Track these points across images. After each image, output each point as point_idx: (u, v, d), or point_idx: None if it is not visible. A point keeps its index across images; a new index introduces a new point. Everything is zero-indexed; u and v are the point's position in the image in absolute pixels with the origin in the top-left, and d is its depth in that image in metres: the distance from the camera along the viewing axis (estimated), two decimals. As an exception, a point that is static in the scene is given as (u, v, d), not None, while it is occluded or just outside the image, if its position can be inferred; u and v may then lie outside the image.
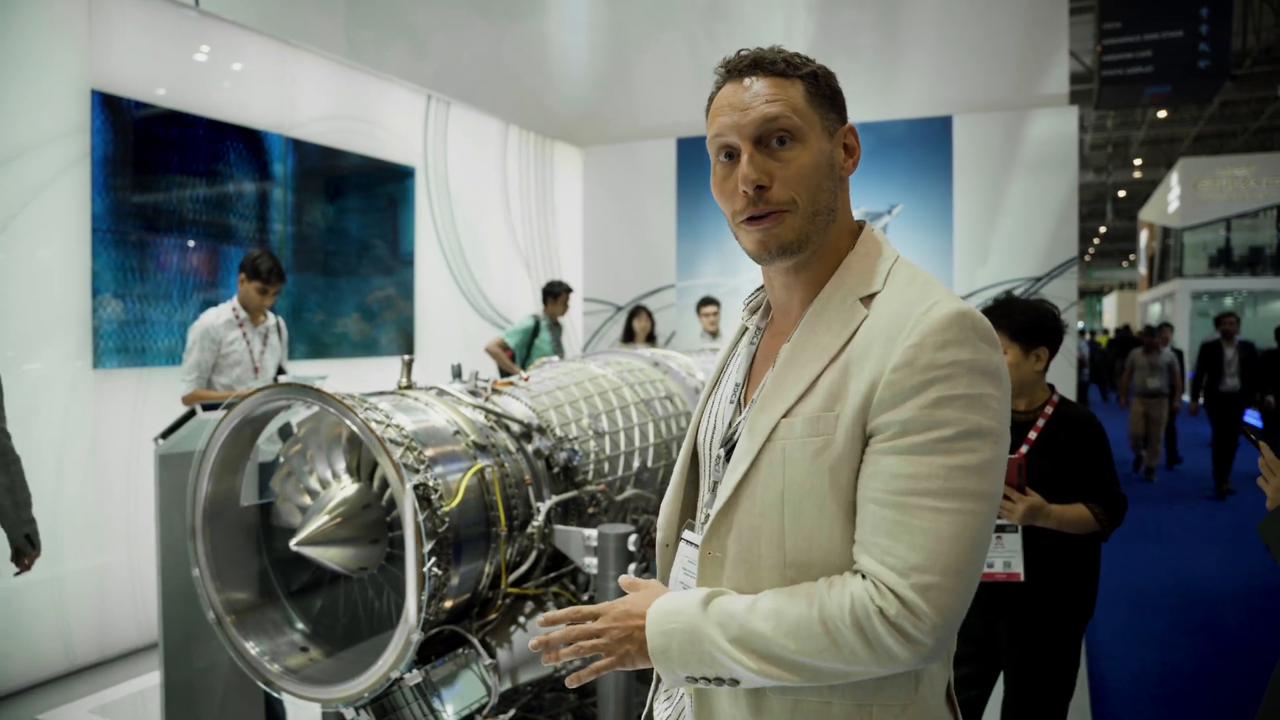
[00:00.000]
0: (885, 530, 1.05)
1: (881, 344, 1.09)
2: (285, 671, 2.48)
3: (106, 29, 4.51)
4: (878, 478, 1.07)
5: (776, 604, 1.09)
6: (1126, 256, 37.09)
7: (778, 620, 1.07)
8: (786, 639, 1.06)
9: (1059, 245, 6.81)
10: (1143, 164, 24.70)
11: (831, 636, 1.05)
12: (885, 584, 1.03)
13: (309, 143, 5.79)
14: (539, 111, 8.64)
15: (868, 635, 1.03)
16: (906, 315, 1.09)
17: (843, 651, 1.05)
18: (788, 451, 1.13)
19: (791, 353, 1.18)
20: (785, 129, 1.15)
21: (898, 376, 1.06)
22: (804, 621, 1.06)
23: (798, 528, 1.12)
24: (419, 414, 2.51)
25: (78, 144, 4.38)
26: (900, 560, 1.03)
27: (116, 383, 4.57)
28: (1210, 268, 21.15)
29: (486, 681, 2.40)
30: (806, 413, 1.12)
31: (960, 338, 1.06)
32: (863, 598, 1.04)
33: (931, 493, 1.04)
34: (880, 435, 1.07)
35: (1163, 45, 8.46)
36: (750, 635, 1.08)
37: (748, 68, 1.18)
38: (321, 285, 5.98)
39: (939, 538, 1.03)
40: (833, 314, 1.17)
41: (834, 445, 1.10)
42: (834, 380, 1.12)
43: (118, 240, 4.57)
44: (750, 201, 1.15)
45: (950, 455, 1.04)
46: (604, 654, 1.17)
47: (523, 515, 2.58)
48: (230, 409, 2.50)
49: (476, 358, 6.57)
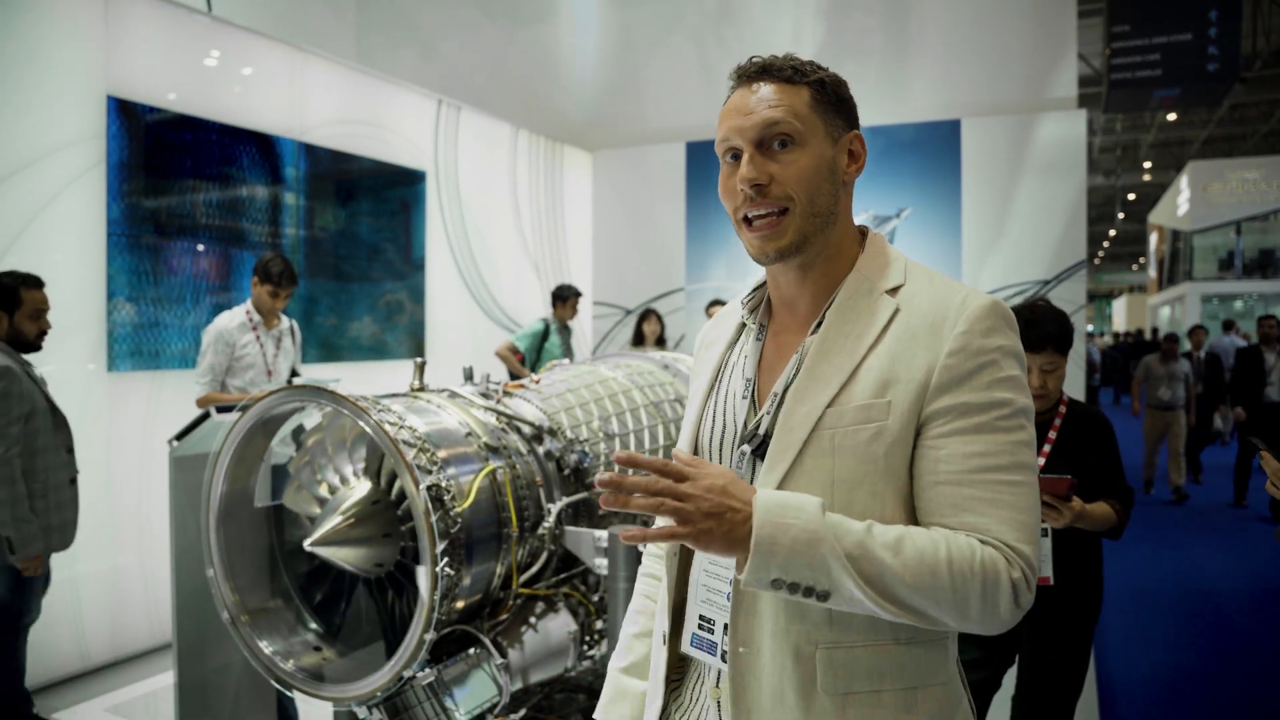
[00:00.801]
0: (970, 508, 1.10)
1: (927, 331, 1.14)
2: (299, 670, 2.51)
3: (122, 35, 4.55)
4: (949, 460, 1.11)
5: (897, 534, 1.07)
6: (1136, 260, 36.96)
7: (898, 550, 1.06)
8: (905, 570, 1.05)
9: (1067, 248, 6.80)
10: (1152, 167, 24.61)
11: (954, 581, 1.05)
12: (1011, 547, 1.08)
13: (320, 147, 5.84)
14: (549, 116, 8.68)
15: (989, 590, 1.05)
16: (946, 305, 1.16)
17: (956, 598, 1.05)
18: (837, 440, 1.14)
19: (822, 344, 1.20)
20: (785, 133, 1.19)
21: (954, 361, 1.12)
22: (928, 560, 1.05)
23: (848, 516, 1.12)
24: (431, 416, 2.54)
25: (93, 149, 4.42)
26: (997, 535, 1.08)
27: (131, 385, 4.61)
28: (1220, 271, 21.07)
29: (498, 681, 2.42)
30: (855, 400, 1.14)
31: (999, 325, 1.15)
32: (994, 555, 1.07)
33: (1004, 468, 1.10)
34: (940, 419, 1.12)
35: (1172, 48, 8.45)
36: (868, 556, 1.05)
37: (756, 74, 1.23)
38: (333, 289, 6.02)
39: (1020, 509, 1.10)
40: (860, 306, 1.20)
41: (888, 430, 1.13)
42: (881, 367, 1.15)
43: (132, 244, 4.61)
44: (748, 199, 1.19)
45: (1010, 433, 1.12)
46: (681, 521, 1.05)
47: (534, 516, 2.60)
48: (244, 411, 2.53)
49: (487, 361, 6.60)
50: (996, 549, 1.07)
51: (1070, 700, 2.55)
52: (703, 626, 1.26)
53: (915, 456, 1.14)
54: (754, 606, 1.18)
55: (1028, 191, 6.94)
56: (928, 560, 1.05)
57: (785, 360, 1.26)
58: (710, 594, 1.26)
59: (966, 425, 1.11)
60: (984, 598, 1.06)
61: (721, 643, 1.23)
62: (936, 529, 1.10)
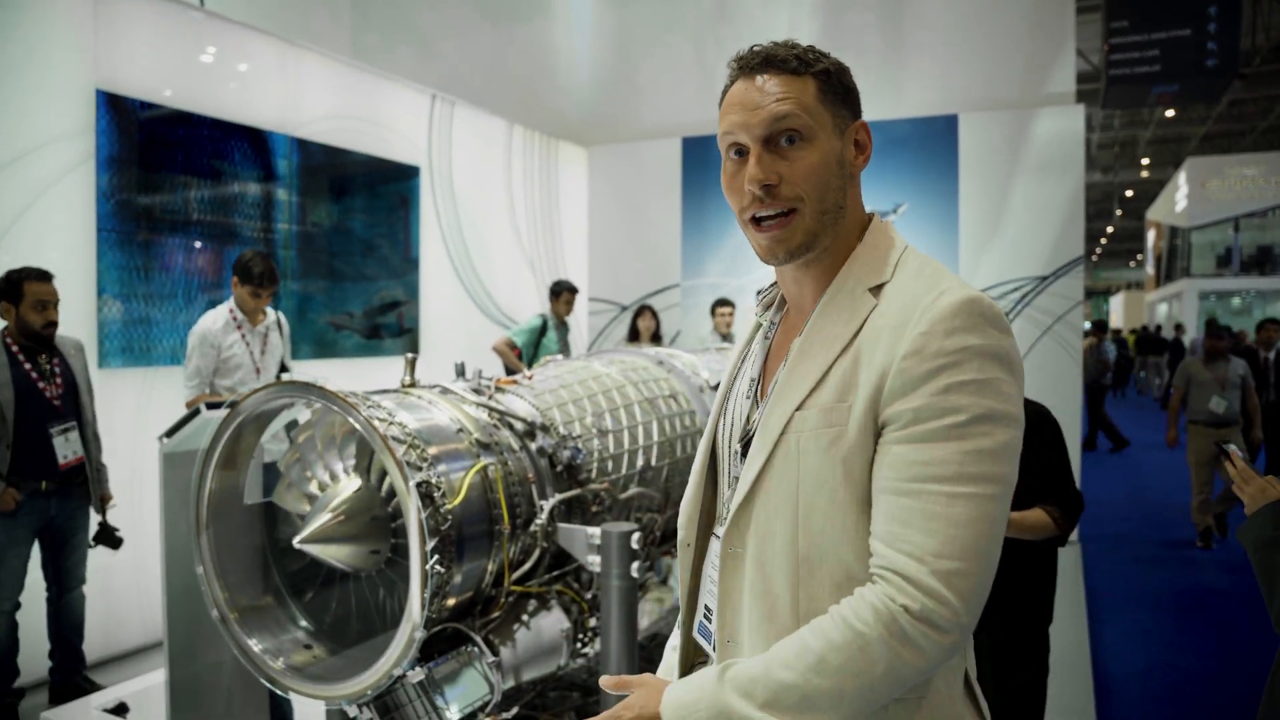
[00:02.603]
0: (901, 519, 1.04)
1: (891, 333, 1.09)
2: (289, 669, 2.49)
3: (112, 29, 4.52)
4: (892, 467, 1.06)
5: (794, 646, 1.05)
6: (1134, 256, 36.99)
7: (802, 662, 1.03)
8: (819, 677, 1.02)
9: (1065, 244, 6.77)
10: (1150, 163, 24.61)
11: (864, 653, 1.01)
12: (906, 574, 1.01)
13: (314, 142, 5.80)
14: (544, 111, 8.64)
15: (899, 637, 1.00)
16: (915, 304, 1.09)
17: (878, 666, 1.01)
18: (801, 444, 1.12)
19: (803, 346, 1.18)
20: (794, 129, 1.15)
21: (907, 365, 1.06)
22: (831, 649, 1.03)
23: (810, 521, 1.11)
24: (422, 412, 2.51)
25: (83, 144, 4.39)
26: (917, 547, 1.02)
27: (121, 382, 4.57)
28: (1218, 267, 21.07)
29: (489, 679, 2.39)
30: (819, 404, 1.12)
31: (969, 324, 1.06)
32: (884, 601, 1.02)
33: (946, 478, 1.03)
34: (892, 425, 1.07)
35: (1170, 44, 8.42)
36: (781, 691, 1.03)
37: (760, 65, 1.18)
38: (326, 285, 5.98)
39: (956, 523, 1.02)
40: (841, 304, 1.17)
41: (846, 436, 1.09)
42: (845, 370, 1.12)
43: (123, 240, 4.58)
44: (757, 199, 1.15)
45: (964, 440, 1.03)
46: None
47: (526, 513, 2.58)
48: (234, 408, 2.50)
49: (481, 357, 6.57)
50: (887, 586, 1.02)
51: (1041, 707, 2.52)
52: (706, 615, 1.30)
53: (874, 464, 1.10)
54: (737, 600, 1.20)
55: (1025, 187, 6.92)
56: (830, 650, 1.02)
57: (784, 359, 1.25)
58: (711, 584, 1.28)
59: (914, 434, 1.05)
60: (899, 644, 1.01)
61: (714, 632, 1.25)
62: (831, 610, 1.07)
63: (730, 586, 1.21)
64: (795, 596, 1.13)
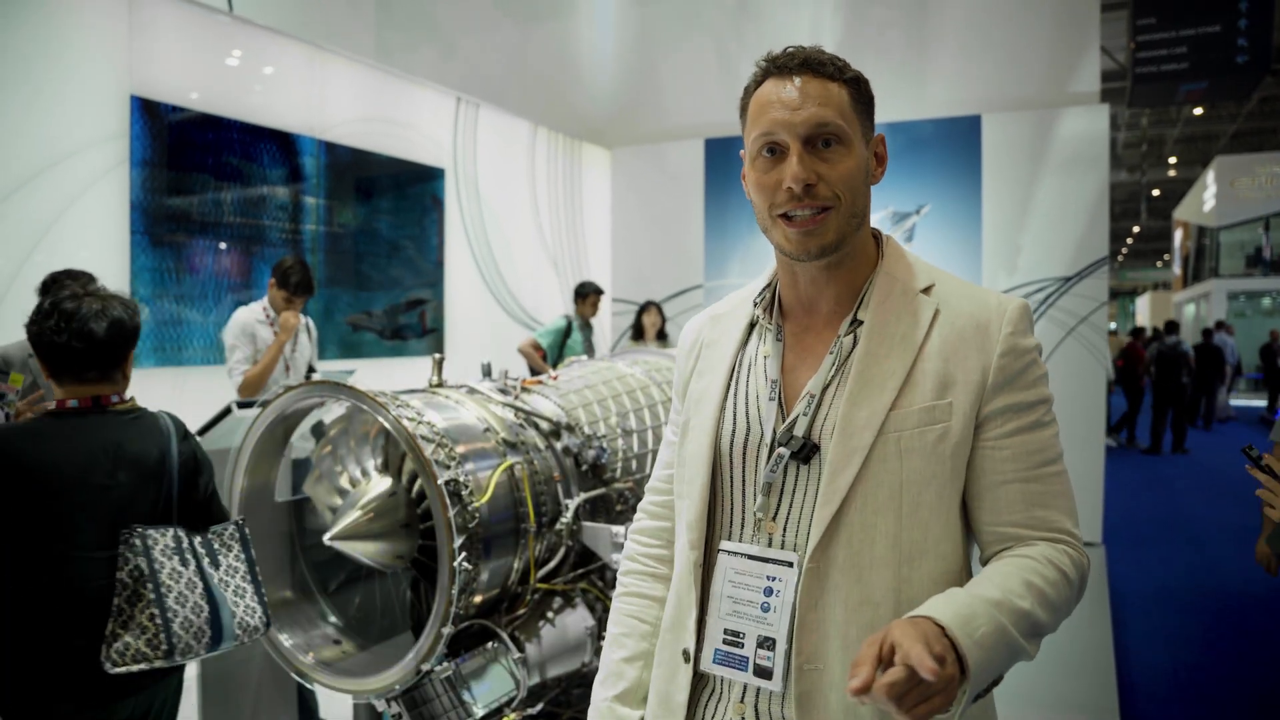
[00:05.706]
0: (1039, 502, 1.17)
1: (975, 332, 1.19)
2: (318, 663, 2.53)
3: (145, 35, 4.60)
4: (1015, 459, 1.17)
5: (1018, 581, 1.10)
6: (1161, 256, 36.53)
7: (1032, 595, 1.09)
8: (1043, 610, 1.10)
9: (1089, 245, 6.72)
10: (1178, 162, 24.33)
11: (1071, 590, 1.14)
12: (1074, 535, 1.18)
13: (340, 145, 5.87)
14: (567, 113, 8.68)
15: (1083, 580, 1.17)
16: (985, 306, 1.21)
17: (1072, 604, 1.15)
18: (903, 443, 1.15)
19: (868, 346, 1.20)
20: (834, 133, 1.18)
21: (1006, 362, 1.17)
22: (1049, 586, 1.11)
23: (915, 519, 1.15)
24: (450, 411, 2.55)
25: (117, 148, 4.47)
26: (1058, 525, 1.17)
27: (153, 381, 4.65)
28: (1248, 267, 20.79)
29: (515, 675, 2.43)
30: (917, 403, 1.16)
31: (1030, 325, 1.23)
32: (1069, 551, 1.16)
33: (1053, 459, 1.19)
34: (998, 419, 1.17)
35: (1199, 40, 8.31)
36: (1021, 617, 1.07)
37: (798, 66, 1.20)
38: (353, 286, 6.05)
39: (1069, 496, 1.20)
40: (898, 306, 1.22)
41: (953, 431, 1.16)
42: (937, 369, 1.17)
43: (155, 242, 4.66)
44: (793, 197, 1.17)
45: (1051, 426, 1.20)
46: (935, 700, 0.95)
47: (551, 512, 2.61)
48: (265, 407, 2.55)
49: (505, 357, 6.62)
50: (1065, 542, 1.16)
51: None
52: (729, 641, 1.21)
53: (973, 456, 1.18)
54: (820, 624, 1.15)
55: (1049, 188, 6.87)
56: (1057, 587, 1.12)
57: (810, 361, 1.24)
58: (739, 605, 1.21)
59: (1023, 424, 1.17)
60: (1081, 590, 1.17)
61: (755, 657, 1.18)
62: (1034, 548, 1.15)
63: (812, 603, 1.15)
64: (898, 601, 1.14)
